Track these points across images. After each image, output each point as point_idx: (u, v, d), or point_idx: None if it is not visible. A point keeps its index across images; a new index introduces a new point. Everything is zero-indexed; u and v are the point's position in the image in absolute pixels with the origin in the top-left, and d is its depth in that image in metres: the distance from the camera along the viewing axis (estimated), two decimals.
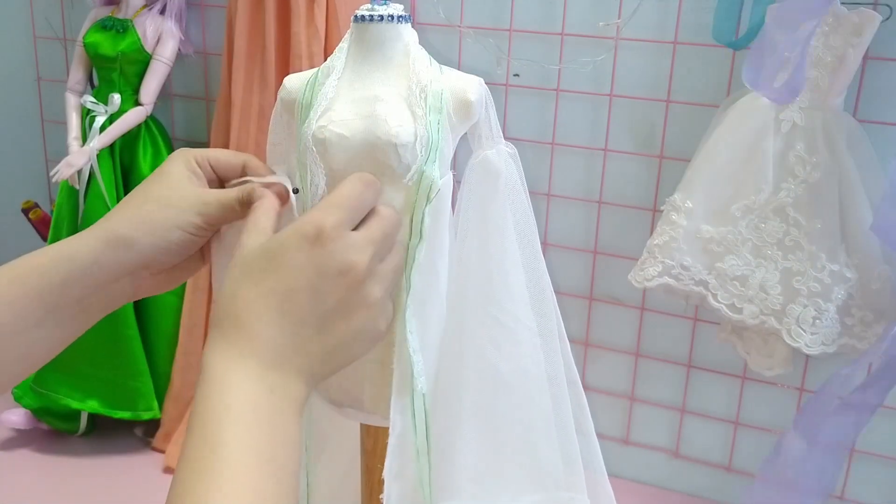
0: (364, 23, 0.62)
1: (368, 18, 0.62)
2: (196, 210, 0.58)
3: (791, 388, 1.38)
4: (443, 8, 1.42)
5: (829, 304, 1.13)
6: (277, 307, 0.51)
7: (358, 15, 0.63)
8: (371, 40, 0.63)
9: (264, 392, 0.49)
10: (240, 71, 1.48)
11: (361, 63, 0.63)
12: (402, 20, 0.63)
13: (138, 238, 0.57)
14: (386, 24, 0.62)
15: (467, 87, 0.63)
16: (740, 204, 1.17)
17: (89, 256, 0.57)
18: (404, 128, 0.60)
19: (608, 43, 1.35)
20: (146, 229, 0.57)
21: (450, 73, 0.64)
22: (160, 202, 0.58)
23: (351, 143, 0.60)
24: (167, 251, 0.58)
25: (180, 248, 0.59)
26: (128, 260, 0.57)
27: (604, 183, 1.42)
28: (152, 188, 0.59)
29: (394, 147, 0.59)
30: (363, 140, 0.60)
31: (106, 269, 0.57)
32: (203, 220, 0.59)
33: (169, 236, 0.58)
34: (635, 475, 1.56)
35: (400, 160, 0.60)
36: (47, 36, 1.80)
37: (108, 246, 0.57)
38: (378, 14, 0.62)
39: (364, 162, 0.60)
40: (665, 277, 1.21)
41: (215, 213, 0.59)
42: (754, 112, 1.16)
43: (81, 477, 1.51)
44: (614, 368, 1.51)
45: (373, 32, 0.62)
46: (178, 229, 0.58)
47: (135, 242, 0.57)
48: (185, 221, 0.58)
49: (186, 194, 0.59)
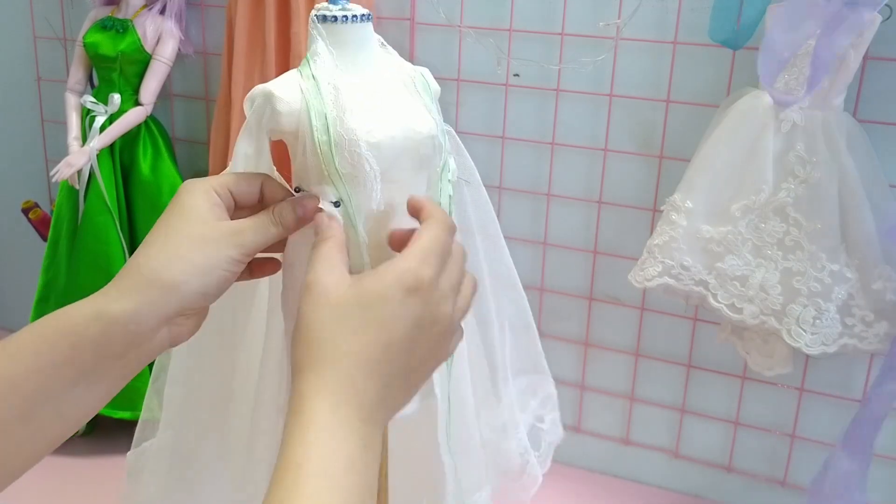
0: (338, 23, 0.62)
1: (342, 19, 0.62)
2: (233, 243, 0.55)
3: (791, 388, 1.38)
4: (443, 8, 1.42)
5: (830, 304, 1.13)
6: (377, 359, 0.51)
7: (328, 16, 0.63)
8: (352, 41, 0.63)
9: (359, 448, 0.49)
10: (240, 71, 1.48)
11: (352, 64, 0.63)
12: (369, 18, 0.64)
13: (184, 281, 0.53)
14: (361, 24, 0.63)
15: (430, 75, 0.68)
16: (740, 204, 1.17)
17: (125, 313, 0.52)
18: (429, 120, 0.62)
19: (608, 43, 1.35)
20: (190, 272, 0.53)
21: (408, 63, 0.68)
22: (195, 240, 0.54)
23: (395, 142, 0.61)
24: (206, 293, 0.54)
25: (219, 286, 0.55)
26: (169, 307, 0.53)
27: (604, 183, 1.42)
28: (181, 226, 0.55)
29: (431, 139, 0.62)
30: (405, 137, 0.61)
31: (145, 321, 0.52)
32: (239, 253, 0.55)
33: (211, 276, 0.54)
34: (635, 475, 1.56)
35: (434, 150, 0.63)
36: (47, 36, 1.80)
37: (148, 295, 0.52)
38: (353, 14, 0.63)
39: (405, 159, 0.61)
40: (665, 277, 1.21)
41: (250, 243, 0.56)
42: (754, 112, 1.16)
43: (81, 477, 1.51)
44: (614, 368, 1.51)
45: (354, 33, 0.63)
46: (219, 268, 0.54)
47: (176, 287, 0.53)
48: (225, 258, 0.54)
49: (221, 228, 0.55)
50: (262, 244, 0.57)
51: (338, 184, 0.60)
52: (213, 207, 0.56)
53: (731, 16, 1.21)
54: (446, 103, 1.45)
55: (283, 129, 0.62)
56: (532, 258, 1.51)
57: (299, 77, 0.62)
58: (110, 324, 0.52)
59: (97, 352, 0.52)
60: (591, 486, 1.54)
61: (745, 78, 1.26)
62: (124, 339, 0.52)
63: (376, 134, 0.60)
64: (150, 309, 0.52)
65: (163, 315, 0.53)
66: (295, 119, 0.61)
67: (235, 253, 0.55)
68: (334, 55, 0.63)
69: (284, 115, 0.61)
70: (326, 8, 0.63)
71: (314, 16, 0.63)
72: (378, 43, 0.66)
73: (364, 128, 0.60)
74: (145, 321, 0.52)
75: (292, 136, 0.62)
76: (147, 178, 1.56)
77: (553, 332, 1.52)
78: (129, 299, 0.52)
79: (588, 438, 1.57)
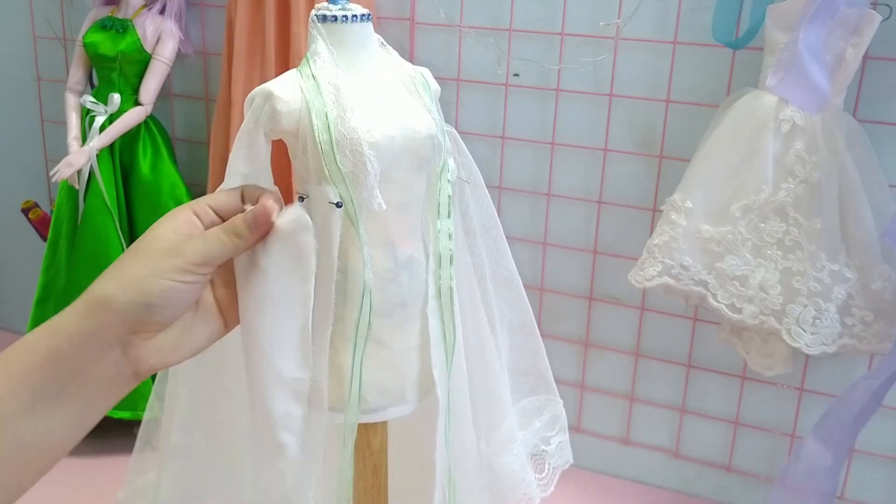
0: (338, 23, 0.63)
1: (342, 19, 0.62)
2: (173, 252, 0.54)
3: (791, 388, 1.38)
4: (443, 8, 1.42)
5: (829, 304, 1.12)
6: None
7: (329, 15, 0.63)
8: (352, 41, 0.63)
9: None
10: (240, 71, 1.48)
11: (351, 63, 0.63)
12: (369, 18, 0.65)
13: (115, 295, 0.52)
14: (360, 24, 0.63)
15: (429, 75, 0.68)
16: (740, 204, 1.17)
17: (71, 327, 0.52)
18: (428, 120, 0.62)
19: (608, 43, 1.35)
20: (121, 285, 0.53)
21: (408, 63, 0.68)
22: (140, 253, 0.55)
23: (395, 142, 0.61)
24: (149, 306, 0.53)
25: (163, 300, 0.54)
26: (109, 323, 0.52)
27: (604, 183, 1.42)
28: (136, 243, 0.56)
29: (430, 139, 0.62)
30: (404, 137, 0.61)
31: (90, 337, 0.52)
32: (183, 261, 0.54)
33: (147, 288, 0.53)
34: (635, 475, 1.56)
35: (434, 150, 0.63)
36: (47, 36, 1.80)
37: (86, 312, 0.52)
38: (353, 14, 0.63)
39: (404, 158, 0.61)
40: (665, 277, 1.21)
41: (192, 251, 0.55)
42: (754, 112, 1.16)
43: (81, 477, 1.51)
44: (614, 368, 1.51)
45: (354, 32, 0.63)
46: (157, 276, 0.53)
47: (111, 301, 0.52)
48: (164, 266, 0.54)
49: (167, 243, 0.55)
50: (212, 253, 0.56)
51: (339, 184, 0.60)
52: (179, 226, 0.57)
53: (734, 16, 1.21)
54: (446, 103, 1.46)
55: (284, 129, 0.62)
56: (532, 258, 1.51)
57: (299, 77, 0.62)
58: (55, 336, 0.52)
59: (46, 368, 0.51)
60: (591, 486, 1.54)
61: (745, 78, 1.26)
62: (72, 355, 0.52)
63: (375, 133, 0.60)
64: (92, 323, 0.52)
65: (106, 332, 0.53)
66: (295, 119, 0.61)
67: (178, 261, 0.54)
68: (334, 55, 0.63)
69: (284, 115, 0.61)
70: (326, 8, 0.63)
71: (314, 15, 0.63)
72: (378, 43, 0.66)
73: (364, 127, 0.60)
74: (87, 334, 0.52)
75: (292, 136, 0.62)
76: (147, 178, 1.56)
77: (553, 332, 1.52)
78: (72, 314, 0.53)
79: (588, 438, 1.57)
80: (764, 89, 1.15)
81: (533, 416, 0.91)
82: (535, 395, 0.92)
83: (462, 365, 0.74)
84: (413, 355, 0.68)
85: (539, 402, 0.92)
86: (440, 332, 0.69)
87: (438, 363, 0.69)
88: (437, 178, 0.65)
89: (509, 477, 0.86)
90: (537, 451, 0.93)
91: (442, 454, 0.71)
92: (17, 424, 0.50)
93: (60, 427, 0.52)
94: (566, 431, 0.94)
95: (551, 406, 0.93)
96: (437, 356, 0.68)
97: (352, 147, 0.59)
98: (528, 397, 0.91)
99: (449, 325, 0.69)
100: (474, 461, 0.81)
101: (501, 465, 0.85)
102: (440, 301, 0.68)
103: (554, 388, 0.93)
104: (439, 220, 0.64)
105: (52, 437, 0.52)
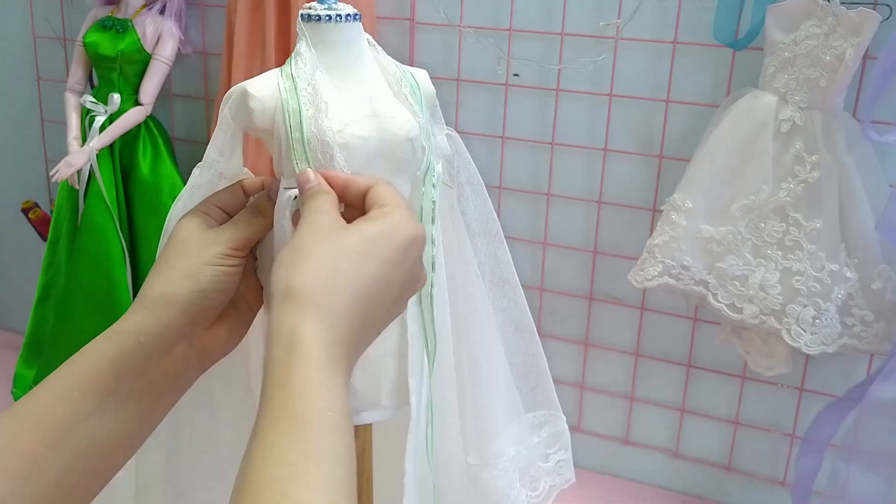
0: (322, 22, 0.62)
1: (326, 18, 0.62)
2: (214, 241, 0.58)
3: (791, 388, 1.38)
4: (443, 8, 1.42)
5: (829, 304, 1.13)
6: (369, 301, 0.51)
7: (313, 15, 0.62)
8: (339, 40, 0.62)
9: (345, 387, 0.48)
10: (239, 71, 1.48)
11: (336, 63, 0.63)
12: (358, 18, 0.64)
13: (174, 290, 0.56)
14: (347, 23, 0.63)
15: (426, 78, 0.67)
16: (740, 204, 1.17)
17: (136, 327, 0.55)
18: (411, 122, 0.61)
19: (608, 43, 1.35)
20: (176, 279, 0.57)
21: (402, 65, 0.66)
22: (181, 252, 0.58)
23: (369, 143, 0.61)
24: (205, 295, 0.57)
25: (216, 285, 0.58)
26: (173, 318, 0.56)
27: (604, 183, 1.42)
28: (168, 247, 0.59)
29: (409, 142, 0.61)
30: (379, 139, 0.61)
31: (156, 334, 0.55)
32: (224, 246, 0.58)
33: (200, 277, 0.57)
34: (635, 475, 1.56)
35: (414, 154, 0.62)
36: (47, 36, 1.80)
37: (150, 311, 0.56)
38: (337, 13, 0.62)
39: (380, 161, 0.61)
40: (665, 277, 1.21)
41: (231, 236, 0.59)
42: (754, 112, 1.16)
43: None
44: (614, 368, 1.51)
45: (341, 32, 0.62)
46: (207, 265, 0.57)
47: (172, 295, 0.56)
48: (211, 254, 0.58)
49: (198, 238, 0.59)
50: (246, 235, 0.60)
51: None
52: (199, 223, 0.60)
53: (735, 17, 1.21)
54: (446, 103, 1.45)
55: (258, 127, 0.62)
56: (532, 258, 1.51)
57: (279, 75, 0.63)
58: (121, 338, 0.55)
59: (114, 369, 0.53)
60: (591, 486, 1.54)
61: (745, 78, 1.26)
62: (138, 353, 0.54)
63: (346, 135, 0.60)
64: (155, 321, 0.55)
65: (170, 328, 0.56)
66: (269, 117, 0.62)
67: (220, 248, 0.58)
68: (315, 55, 0.62)
69: (257, 113, 0.61)
70: (312, 7, 0.62)
71: (300, 15, 0.63)
72: (368, 43, 0.65)
73: (336, 128, 0.60)
74: (153, 332, 0.55)
75: (267, 133, 0.62)
76: (147, 178, 1.56)
77: (553, 332, 1.52)
78: (134, 315, 0.56)
79: (588, 438, 1.57)
80: (764, 89, 1.16)
81: (530, 432, 0.88)
82: (534, 410, 0.88)
83: (449, 375, 0.72)
84: (390, 361, 0.66)
85: (538, 419, 0.89)
86: (421, 338, 0.67)
87: (416, 371, 0.67)
88: (420, 183, 0.64)
89: (494, 492, 0.83)
90: (533, 468, 0.88)
91: (415, 464, 0.68)
92: (91, 426, 0.52)
93: (131, 425, 0.55)
94: (568, 449, 0.90)
95: (553, 422, 0.89)
96: (415, 364, 0.67)
97: (322, 148, 0.60)
98: (528, 413, 0.88)
99: (430, 333, 0.67)
100: (463, 475, 0.79)
101: (486, 479, 0.82)
102: (420, 307, 0.67)
103: (557, 404, 0.88)
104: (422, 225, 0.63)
105: (123, 436, 0.54)
